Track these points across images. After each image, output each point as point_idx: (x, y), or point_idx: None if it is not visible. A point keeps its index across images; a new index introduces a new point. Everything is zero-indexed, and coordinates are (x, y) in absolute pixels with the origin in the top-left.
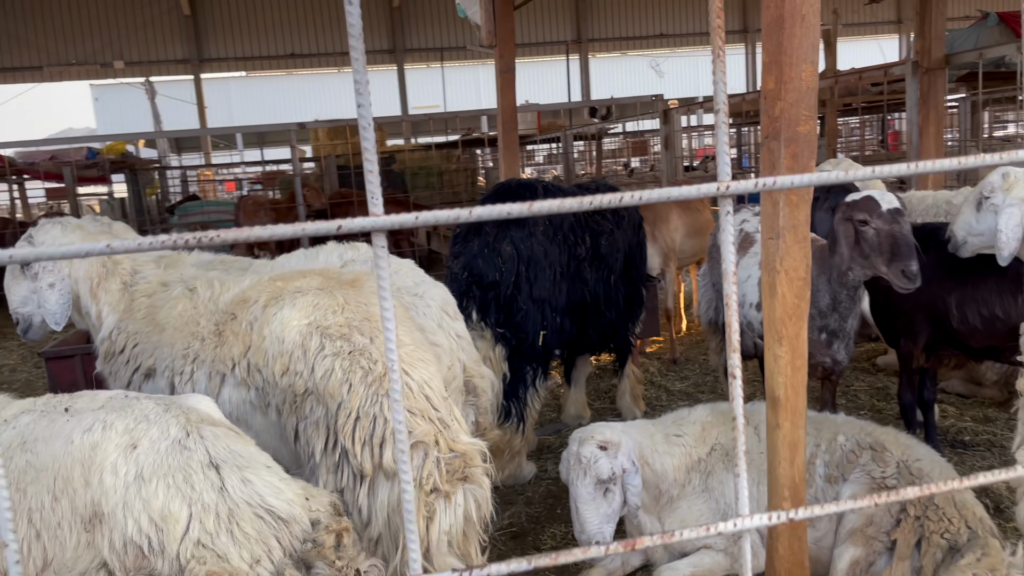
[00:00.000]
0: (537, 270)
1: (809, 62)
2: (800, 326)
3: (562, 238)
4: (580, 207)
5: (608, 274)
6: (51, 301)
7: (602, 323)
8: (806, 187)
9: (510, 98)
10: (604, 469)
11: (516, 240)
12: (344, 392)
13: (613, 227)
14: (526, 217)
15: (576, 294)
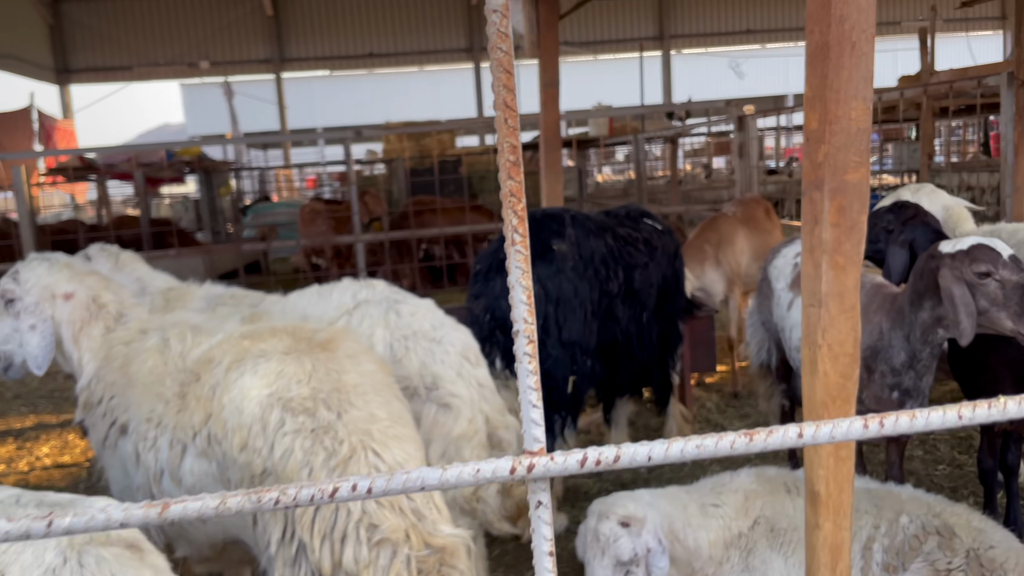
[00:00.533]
0: (567, 311)
1: (860, 98)
2: (846, 411)
3: (593, 273)
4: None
5: (641, 311)
6: (32, 344)
7: (634, 364)
8: (852, 295)
9: (553, 114)
10: (625, 550)
11: (544, 278)
12: (304, 477)
13: (647, 259)
14: (554, 252)
15: (607, 334)
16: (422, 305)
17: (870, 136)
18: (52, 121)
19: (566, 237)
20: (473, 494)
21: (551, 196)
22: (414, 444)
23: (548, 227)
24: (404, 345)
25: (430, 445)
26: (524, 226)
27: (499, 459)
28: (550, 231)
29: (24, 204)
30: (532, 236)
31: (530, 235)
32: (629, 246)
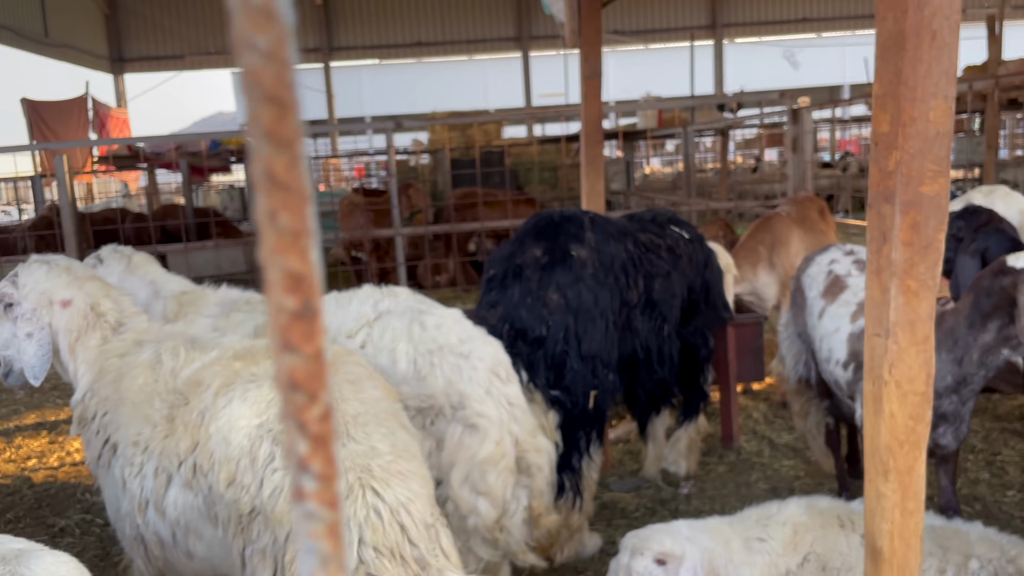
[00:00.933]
0: (587, 321)
1: (941, 96)
2: (915, 457)
3: (613, 280)
4: None
5: (661, 324)
6: (28, 353)
7: (652, 381)
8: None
9: (595, 107)
10: None
11: (563, 286)
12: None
13: (670, 268)
14: (574, 257)
15: (627, 347)
16: (448, 316)
17: (951, 141)
18: (106, 109)
19: (585, 241)
20: (496, 523)
21: (591, 193)
22: (419, 480)
23: (566, 230)
24: (429, 361)
25: (453, 468)
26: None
27: None
28: (568, 235)
29: (66, 193)
30: (549, 240)
31: (548, 239)
32: (651, 253)
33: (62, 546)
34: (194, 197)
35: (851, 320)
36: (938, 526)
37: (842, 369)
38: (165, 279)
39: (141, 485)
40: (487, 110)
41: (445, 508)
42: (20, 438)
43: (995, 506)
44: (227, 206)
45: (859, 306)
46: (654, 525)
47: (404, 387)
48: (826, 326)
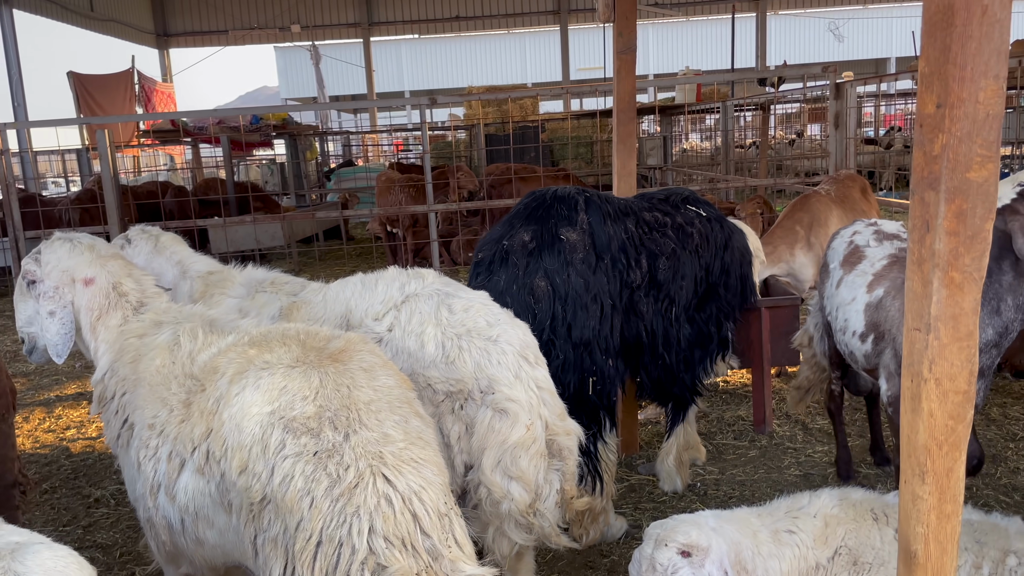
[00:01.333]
0: (577, 307)
1: (991, 76)
2: (955, 459)
3: (610, 262)
4: None
5: (668, 306)
6: (51, 331)
7: (658, 367)
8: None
9: (629, 83)
10: None
11: (551, 272)
12: (304, 507)
13: (677, 247)
14: (563, 241)
15: (631, 330)
16: (476, 299)
17: (1000, 124)
18: (152, 83)
19: (577, 224)
20: (530, 507)
21: (623, 171)
22: (433, 468)
23: (558, 212)
24: (457, 345)
25: (484, 453)
26: None
27: None
28: (559, 217)
29: (108, 167)
30: (539, 223)
31: (538, 221)
32: (655, 232)
33: (97, 516)
34: (235, 171)
35: (868, 290)
36: (975, 520)
37: (859, 341)
38: (192, 259)
39: (155, 468)
40: (524, 84)
41: (478, 493)
42: (60, 408)
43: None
44: (267, 180)
45: (875, 276)
46: (680, 515)
47: (432, 371)
48: (842, 296)
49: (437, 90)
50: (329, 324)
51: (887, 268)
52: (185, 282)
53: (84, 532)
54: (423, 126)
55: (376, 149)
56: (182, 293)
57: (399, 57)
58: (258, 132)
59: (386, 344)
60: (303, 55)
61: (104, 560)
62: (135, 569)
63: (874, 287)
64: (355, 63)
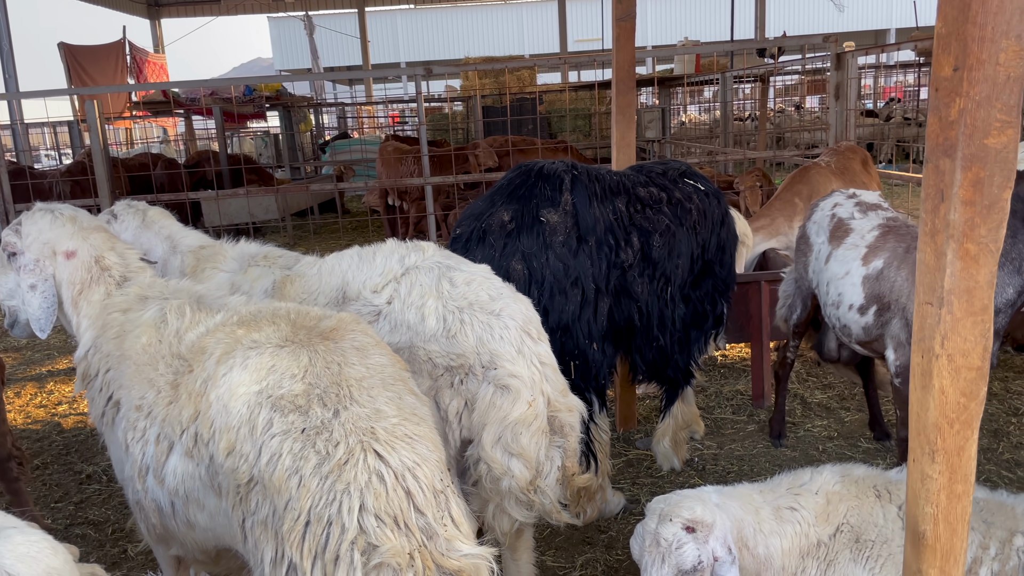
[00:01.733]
0: (555, 292)
1: (1013, 36)
2: (967, 437)
3: (595, 244)
4: None
5: (664, 286)
6: (33, 305)
7: (652, 349)
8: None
9: (628, 52)
10: (689, 558)
11: (528, 255)
12: (292, 486)
13: (672, 223)
14: (543, 223)
15: (622, 313)
16: (478, 272)
17: (1021, 87)
18: (143, 54)
19: (560, 204)
20: (531, 484)
21: (622, 143)
22: (428, 444)
23: (540, 192)
24: (459, 319)
25: (484, 429)
26: None
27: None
28: (542, 197)
29: (98, 139)
30: (521, 202)
31: (520, 200)
32: (648, 209)
33: (89, 493)
34: (229, 144)
35: (863, 262)
36: (981, 499)
37: (857, 314)
38: (182, 234)
39: (143, 451)
40: (522, 56)
41: (478, 469)
42: (52, 383)
43: None
44: (262, 152)
45: (869, 248)
46: (682, 491)
47: (433, 345)
48: (833, 270)
49: (433, 61)
50: (324, 297)
51: (880, 239)
52: (176, 257)
53: (76, 508)
54: (419, 97)
55: (372, 121)
56: (172, 268)
57: (395, 28)
58: (251, 103)
59: (385, 317)
60: (297, 25)
61: (96, 537)
62: (127, 546)
63: (871, 259)
64: (350, 34)
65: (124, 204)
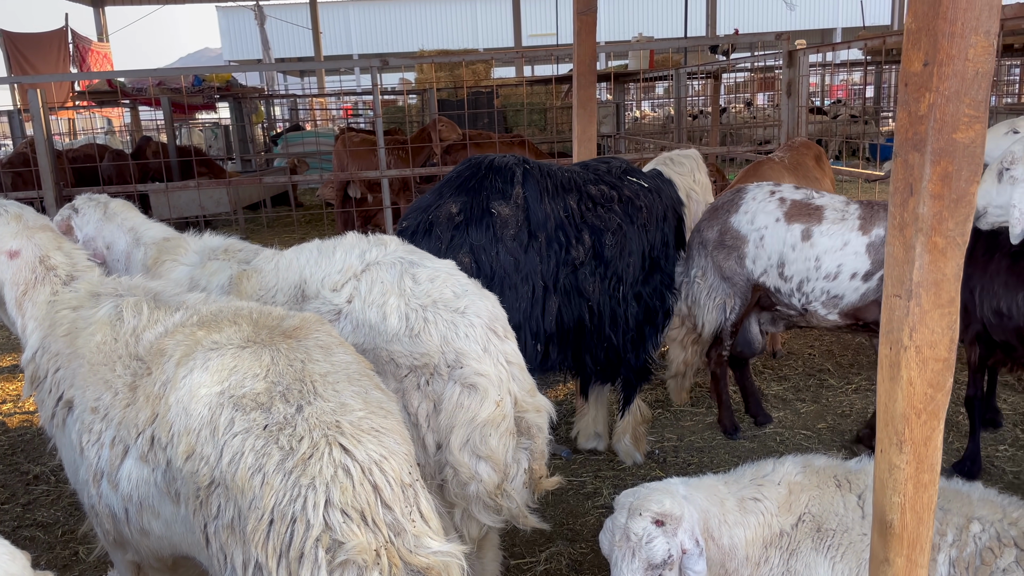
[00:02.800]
0: (504, 287)
1: (982, 32)
2: (933, 427)
3: (545, 240)
4: None
5: (616, 285)
6: None
7: (605, 348)
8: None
9: (589, 45)
10: (659, 551)
11: (477, 248)
12: (256, 484)
13: (623, 221)
14: (493, 215)
15: (571, 313)
16: (442, 268)
17: (989, 82)
18: (87, 43)
19: (511, 198)
20: (498, 488)
21: (583, 136)
22: (396, 437)
23: (491, 184)
24: (422, 316)
25: (452, 431)
26: None
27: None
28: (493, 189)
29: (41, 129)
30: (471, 194)
31: (469, 192)
32: (599, 207)
33: (36, 494)
34: (177, 135)
35: (862, 231)
36: (939, 487)
37: (860, 281)
38: (145, 226)
39: (98, 454)
40: (476, 49)
41: (443, 474)
42: None
43: (986, 461)
44: (211, 144)
45: (863, 218)
46: (650, 484)
47: (396, 345)
48: (824, 244)
49: (387, 54)
50: (282, 294)
51: (868, 210)
52: (139, 249)
53: (23, 510)
54: (375, 89)
55: (325, 113)
56: (135, 261)
57: (347, 19)
58: (201, 94)
59: (346, 316)
60: (247, 16)
61: (45, 539)
62: (77, 548)
63: (869, 228)
64: (302, 25)
65: (85, 197)
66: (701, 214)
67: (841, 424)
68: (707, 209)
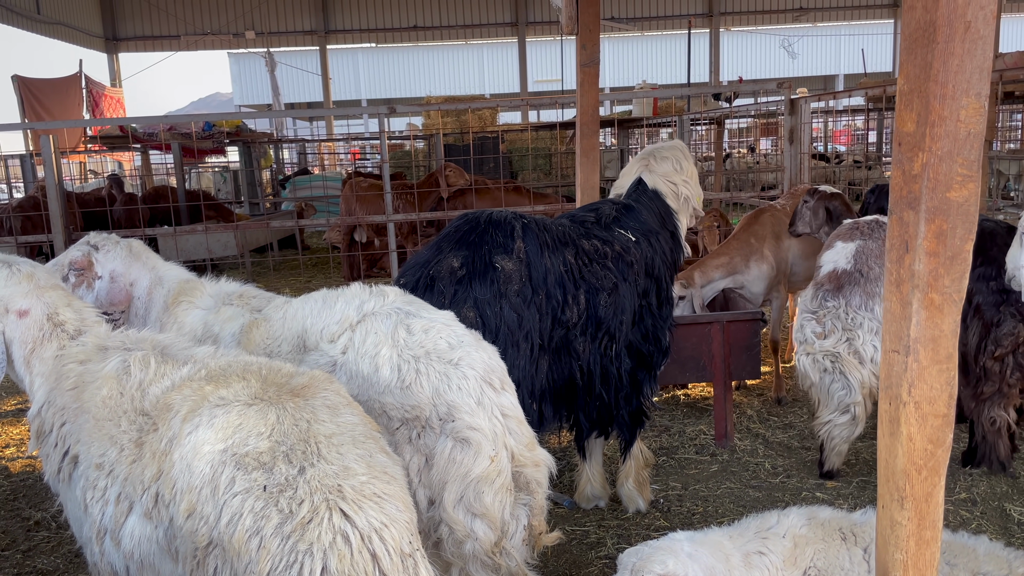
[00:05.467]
0: (509, 344)
1: (973, 94)
2: (934, 484)
3: (544, 298)
4: None
5: (608, 343)
6: None
7: (596, 407)
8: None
9: (592, 97)
10: None
11: (481, 303)
12: (252, 548)
13: (618, 279)
14: (497, 270)
15: (562, 372)
16: (438, 319)
17: (981, 143)
18: (100, 88)
19: (513, 252)
20: (496, 546)
21: (586, 184)
22: (398, 504)
23: (492, 238)
24: (414, 368)
25: (445, 488)
26: None
27: None
28: (494, 243)
29: (52, 174)
30: (472, 248)
31: (470, 247)
32: (595, 264)
33: (37, 540)
34: (186, 179)
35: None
36: (944, 540)
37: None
38: (166, 267)
39: (102, 511)
40: (482, 95)
41: (439, 532)
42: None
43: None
44: (220, 188)
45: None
46: (653, 541)
47: (387, 397)
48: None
49: (395, 99)
50: (287, 344)
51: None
52: (161, 288)
53: (23, 557)
54: (382, 135)
55: (333, 157)
56: (157, 300)
57: (356, 65)
58: (211, 139)
59: (341, 368)
60: (257, 62)
61: None
62: None
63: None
64: (311, 71)
65: (103, 236)
66: (693, 205)
67: (846, 473)
68: None
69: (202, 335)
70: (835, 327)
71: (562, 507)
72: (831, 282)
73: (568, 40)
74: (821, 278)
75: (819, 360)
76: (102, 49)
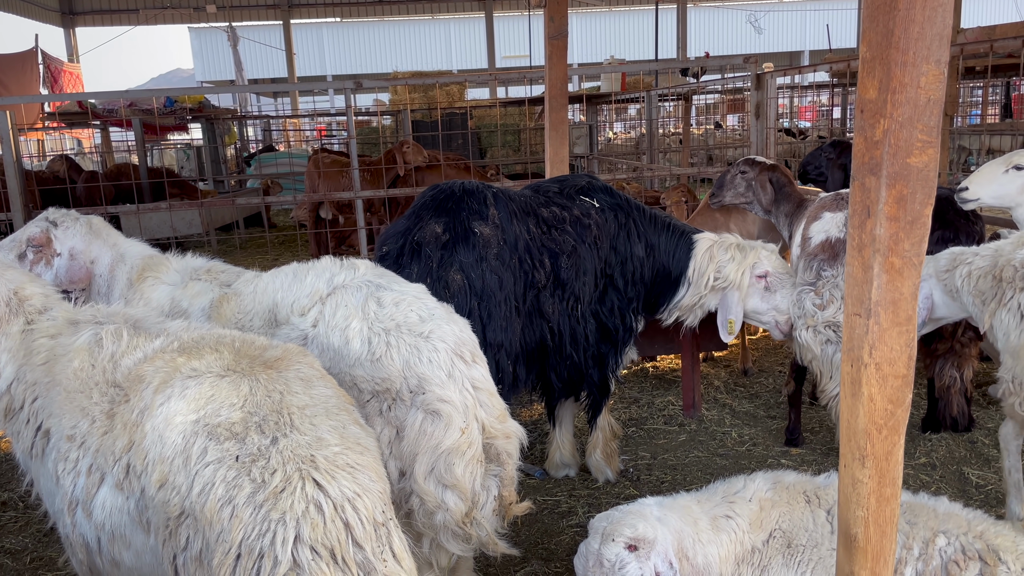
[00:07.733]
0: (492, 305)
1: (933, 61)
2: (894, 442)
3: (517, 262)
4: None
5: (574, 304)
6: None
7: (567, 366)
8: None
9: (560, 69)
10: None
11: (466, 266)
12: (225, 517)
13: (576, 243)
14: (477, 235)
15: (534, 333)
16: (409, 292)
17: (941, 109)
18: (58, 64)
19: (489, 218)
20: (466, 516)
21: (555, 158)
22: (371, 474)
23: (468, 206)
24: (385, 340)
25: (416, 459)
26: None
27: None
28: (471, 211)
29: (10, 151)
30: (451, 215)
31: (448, 214)
32: (554, 230)
33: (4, 520)
34: (149, 156)
35: None
36: (904, 501)
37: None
38: (128, 243)
39: (73, 482)
40: (450, 71)
41: (410, 503)
42: None
43: (956, 475)
44: (184, 165)
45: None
46: (623, 506)
47: (357, 369)
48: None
49: (361, 75)
50: (258, 319)
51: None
52: (123, 265)
53: None
54: (349, 111)
55: (298, 134)
56: (119, 277)
57: (321, 40)
58: (173, 115)
59: (311, 341)
60: (219, 36)
61: (13, 566)
62: (46, 574)
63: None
64: (275, 46)
65: (62, 212)
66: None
67: (811, 440)
68: None
69: (170, 311)
70: (834, 296)
71: (533, 478)
72: (825, 251)
73: (536, 15)
74: (814, 248)
75: (821, 331)
76: (58, 23)
